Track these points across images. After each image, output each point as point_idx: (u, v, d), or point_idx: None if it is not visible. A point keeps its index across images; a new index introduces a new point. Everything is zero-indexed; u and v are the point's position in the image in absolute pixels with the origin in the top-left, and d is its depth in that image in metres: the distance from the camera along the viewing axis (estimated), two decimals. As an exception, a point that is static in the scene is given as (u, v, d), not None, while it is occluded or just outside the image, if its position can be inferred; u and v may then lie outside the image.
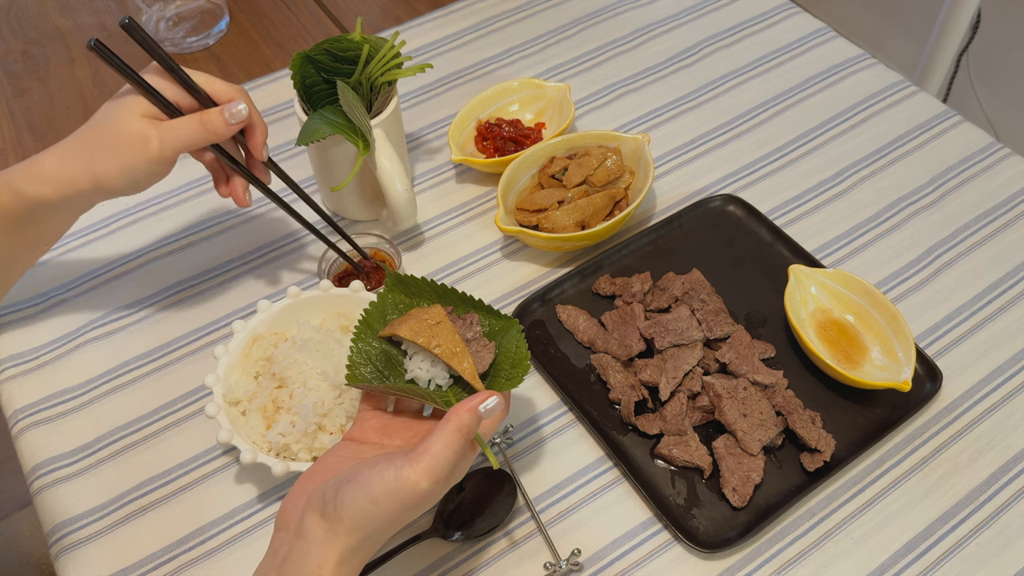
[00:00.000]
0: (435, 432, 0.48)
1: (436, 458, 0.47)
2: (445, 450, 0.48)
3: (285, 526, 0.49)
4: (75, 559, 0.60)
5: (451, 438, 0.48)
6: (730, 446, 0.63)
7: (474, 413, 0.50)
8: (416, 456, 0.47)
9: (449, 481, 0.50)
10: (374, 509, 0.47)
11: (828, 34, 0.97)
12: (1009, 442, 0.66)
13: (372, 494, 0.47)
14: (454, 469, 0.49)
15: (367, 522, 0.47)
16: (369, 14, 1.01)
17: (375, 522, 0.47)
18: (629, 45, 0.96)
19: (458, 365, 0.56)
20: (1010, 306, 0.74)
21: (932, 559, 0.60)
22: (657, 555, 0.60)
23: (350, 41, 0.71)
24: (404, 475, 0.47)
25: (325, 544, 0.47)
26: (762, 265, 0.75)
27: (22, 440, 0.66)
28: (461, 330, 0.58)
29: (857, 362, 0.68)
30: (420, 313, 0.58)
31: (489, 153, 0.83)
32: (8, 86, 0.93)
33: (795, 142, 0.86)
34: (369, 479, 0.47)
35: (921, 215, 0.80)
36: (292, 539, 0.48)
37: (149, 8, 0.96)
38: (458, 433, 0.48)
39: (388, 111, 0.72)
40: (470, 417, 0.49)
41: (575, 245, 0.75)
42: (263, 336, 0.66)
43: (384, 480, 0.47)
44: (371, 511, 0.47)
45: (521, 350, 0.57)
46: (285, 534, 0.49)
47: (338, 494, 0.47)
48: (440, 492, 0.49)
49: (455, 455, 0.48)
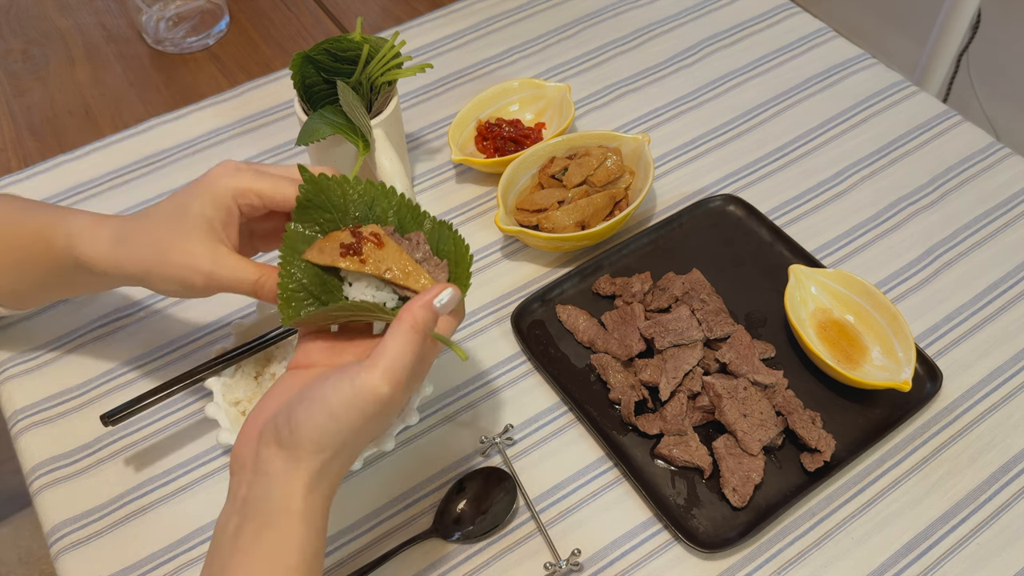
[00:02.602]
0: (388, 334, 0.45)
1: (394, 359, 0.44)
2: (403, 350, 0.45)
3: (241, 467, 0.47)
4: (75, 559, 0.60)
5: (407, 337, 0.45)
6: (730, 446, 0.63)
7: (428, 308, 0.47)
8: (371, 360, 0.44)
9: (410, 384, 0.46)
10: (334, 424, 0.44)
11: (828, 34, 0.97)
12: (1009, 442, 0.66)
13: (329, 409, 0.44)
14: (414, 370, 0.46)
15: (329, 440, 0.44)
16: (369, 14, 1.01)
17: (337, 438, 0.45)
18: (629, 45, 0.96)
19: (415, 284, 0.51)
20: (1010, 306, 0.74)
21: (932, 559, 0.60)
22: (657, 555, 0.60)
23: (350, 41, 0.71)
24: (360, 382, 0.44)
25: (288, 474, 0.45)
26: (762, 265, 0.75)
27: (22, 440, 0.66)
28: (408, 251, 0.53)
29: (857, 362, 0.68)
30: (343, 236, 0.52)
31: (489, 153, 0.83)
32: (8, 86, 0.93)
33: (795, 142, 0.86)
34: (324, 394, 0.44)
35: (921, 215, 0.80)
36: (251, 477, 0.46)
37: (149, 8, 0.96)
38: (413, 331, 0.45)
39: (388, 111, 0.72)
40: (424, 312, 0.46)
41: (575, 245, 0.75)
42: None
43: (340, 391, 0.44)
44: (331, 427, 0.44)
45: (460, 249, 0.53)
46: (242, 475, 0.46)
47: (291, 417, 0.44)
48: (403, 397, 0.46)
49: (413, 355, 0.45)
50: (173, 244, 0.53)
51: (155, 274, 0.54)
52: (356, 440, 0.46)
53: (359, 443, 0.47)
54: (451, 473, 0.64)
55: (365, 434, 0.46)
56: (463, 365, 0.70)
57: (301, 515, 0.45)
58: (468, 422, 0.67)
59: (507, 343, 0.71)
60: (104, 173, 0.84)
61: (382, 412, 0.45)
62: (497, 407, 0.68)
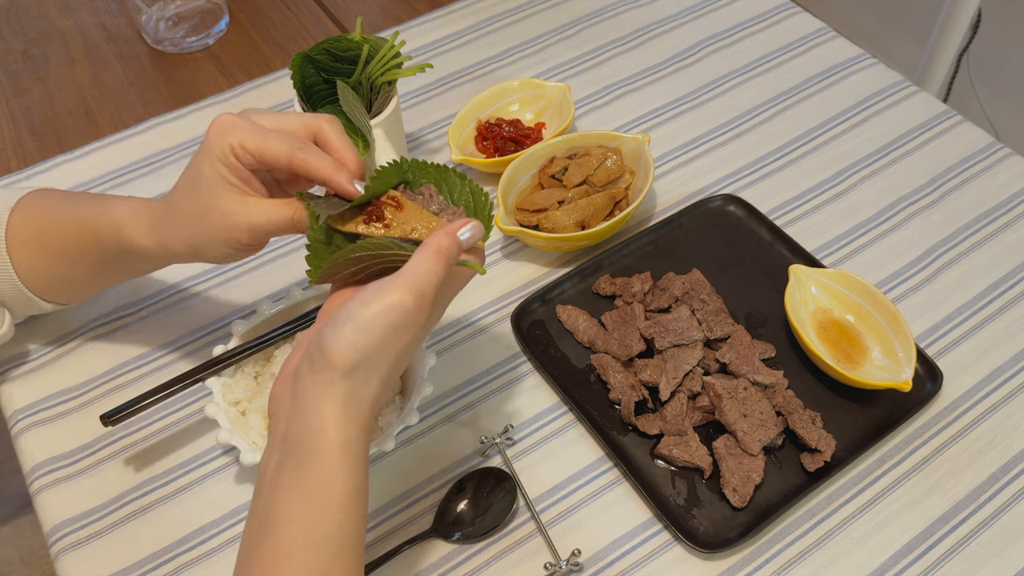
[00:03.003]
0: (413, 257, 0.47)
1: (417, 275, 0.46)
2: (427, 269, 0.46)
3: (278, 408, 0.48)
4: (75, 559, 0.60)
5: (429, 258, 0.47)
6: (730, 446, 0.63)
7: (452, 236, 0.48)
8: (394, 277, 0.46)
9: (436, 304, 0.48)
10: (363, 338, 0.45)
11: (828, 34, 0.97)
12: (1009, 442, 0.66)
13: (357, 323, 0.45)
14: (439, 293, 0.47)
15: (359, 356, 0.45)
16: (369, 14, 1.01)
17: (368, 353, 0.45)
18: (629, 45, 0.96)
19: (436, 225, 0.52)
20: (1010, 306, 0.74)
21: (932, 559, 0.60)
22: (657, 555, 0.60)
23: (350, 41, 0.71)
24: (385, 293, 0.45)
25: (321, 400, 0.45)
26: (762, 265, 0.75)
27: (22, 440, 0.66)
28: (424, 205, 0.54)
29: (857, 362, 0.68)
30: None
31: (489, 153, 0.83)
32: (8, 86, 0.93)
33: (795, 142, 0.86)
34: (350, 310, 0.46)
35: (921, 215, 0.80)
36: (288, 413, 0.47)
37: (149, 8, 0.96)
38: (437, 255, 0.47)
39: (388, 111, 0.72)
40: (448, 239, 0.48)
41: (575, 245, 0.75)
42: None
43: (366, 305, 0.45)
44: (360, 340, 0.45)
45: (474, 191, 0.54)
46: (279, 414, 0.47)
47: (322, 340, 0.45)
48: (428, 315, 0.47)
49: (437, 276, 0.47)
50: (206, 212, 0.54)
51: (202, 245, 0.55)
52: (385, 357, 0.46)
53: (387, 361, 0.47)
54: (451, 473, 0.64)
55: (393, 350, 0.46)
56: (463, 365, 0.70)
57: (339, 447, 0.46)
58: (468, 422, 0.67)
59: (507, 343, 0.71)
60: (104, 173, 0.84)
61: (408, 325, 0.46)
62: (497, 407, 0.68)
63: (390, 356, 0.47)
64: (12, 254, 0.62)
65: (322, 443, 0.45)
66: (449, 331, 0.72)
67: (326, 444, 0.45)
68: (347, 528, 0.46)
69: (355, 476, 0.46)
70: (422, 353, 0.63)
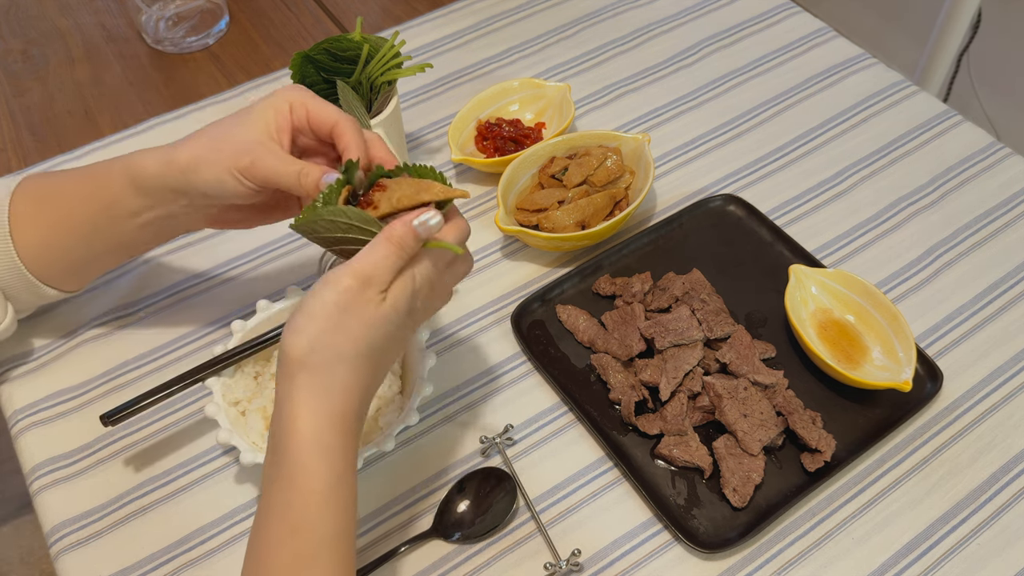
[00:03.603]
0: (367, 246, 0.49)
1: (364, 260, 0.48)
2: (375, 255, 0.48)
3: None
4: (75, 559, 0.60)
5: (379, 244, 0.48)
6: (730, 446, 0.63)
7: (406, 224, 0.49)
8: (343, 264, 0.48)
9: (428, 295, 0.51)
10: (312, 325, 0.47)
11: (828, 34, 0.97)
12: (1010, 442, 0.66)
13: (304, 311, 0.47)
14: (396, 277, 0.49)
15: (308, 342, 0.47)
16: (369, 14, 1.01)
17: (319, 338, 0.47)
18: (629, 45, 0.96)
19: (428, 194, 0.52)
20: (1011, 306, 0.74)
21: (933, 559, 0.60)
22: (657, 555, 0.60)
23: (350, 41, 0.71)
24: (330, 279, 0.47)
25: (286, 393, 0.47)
26: (762, 265, 0.75)
27: (22, 440, 0.66)
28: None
29: (858, 362, 0.68)
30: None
31: (489, 153, 0.83)
32: (8, 86, 0.93)
33: (795, 142, 0.86)
34: (301, 303, 0.48)
35: (921, 215, 0.80)
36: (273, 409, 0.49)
37: (149, 8, 0.96)
38: (388, 241, 0.48)
39: (388, 111, 0.72)
40: (401, 227, 0.49)
41: (575, 245, 0.75)
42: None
43: (313, 294, 0.48)
44: (309, 327, 0.47)
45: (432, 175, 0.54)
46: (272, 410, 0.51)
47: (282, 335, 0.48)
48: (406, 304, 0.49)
49: (386, 260, 0.48)
50: (228, 134, 0.56)
51: (204, 161, 0.56)
52: (344, 342, 0.47)
53: (350, 346, 0.48)
54: (451, 473, 0.64)
55: (350, 334, 0.48)
56: (463, 365, 0.70)
57: (309, 439, 0.47)
58: (468, 422, 0.67)
59: (507, 343, 0.71)
60: (104, 173, 0.84)
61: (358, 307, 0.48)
62: (497, 407, 0.68)
63: (351, 341, 0.48)
64: (15, 235, 0.62)
65: (292, 435, 0.47)
66: (449, 331, 0.72)
67: (295, 436, 0.47)
68: (330, 518, 0.47)
69: (331, 467, 0.47)
70: (422, 353, 0.63)
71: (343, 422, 0.48)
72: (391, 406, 0.63)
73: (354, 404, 0.49)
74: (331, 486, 0.47)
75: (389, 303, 0.49)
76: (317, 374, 0.47)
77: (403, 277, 0.50)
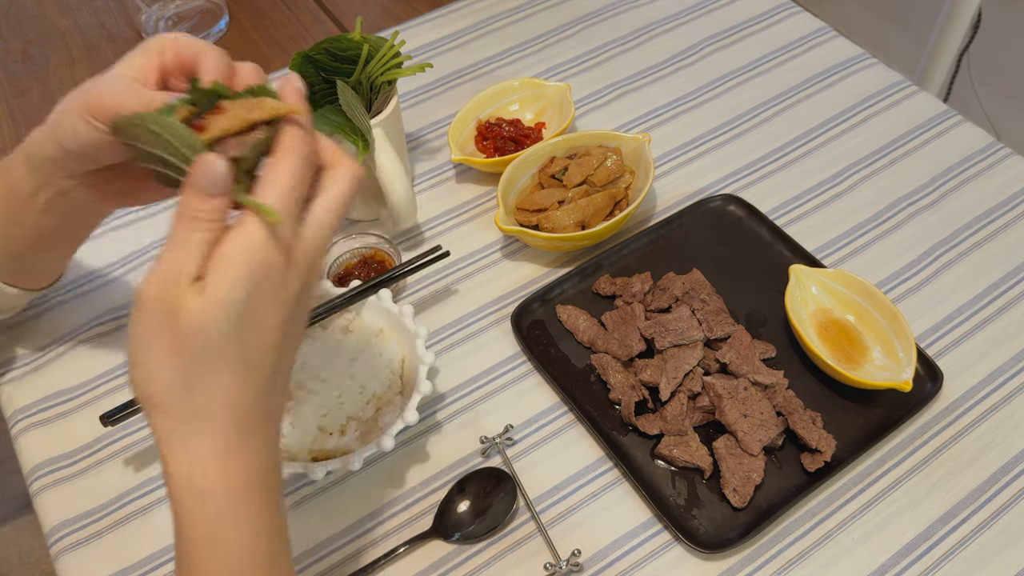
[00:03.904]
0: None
1: (159, 258, 0.41)
2: (168, 245, 0.41)
3: None
4: (75, 559, 0.60)
5: (172, 228, 0.41)
6: (730, 446, 0.63)
7: (190, 190, 0.41)
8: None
9: (223, 276, 0.40)
10: (143, 353, 0.40)
11: (828, 34, 0.97)
12: (1010, 442, 0.66)
13: (132, 339, 0.41)
14: (210, 258, 0.41)
15: (147, 374, 0.40)
16: (369, 14, 1.01)
17: (146, 367, 0.40)
18: (629, 45, 0.96)
19: (258, 112, 0.44)
20: (1011, 306, 0.74)
21: (933, 559, 0.60)
22: (657, 555, 0.60)
23: (350, 41, 0.71)
24: (137, 292, 0.41)
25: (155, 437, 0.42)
26: (762, 265, 0.75)
27: (22, 440, 0.66)
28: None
29: (858, 362, 0.68)
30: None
31: (489, 153, 0.83)
32: (8, 86, 0.93)
33: (795, 142, 0.86)
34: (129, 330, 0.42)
35: (921, 215, 0.80)
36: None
37: (149, 8, 0.96)
38: (178, 220, 0.41)
39: (388, 111, 0.72)
40: (189, 198, 0.41)
41: (575, 245, 0.75)
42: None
43: (131, 314, 0.41)
44: (144, 358, 0.40)
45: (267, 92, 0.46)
46: None
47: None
48: (186, 298, 0.40)
49: (182, 245, 0.40)
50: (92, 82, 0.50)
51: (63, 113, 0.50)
52: (173, 363, 0.40)
53: (176, 368, 0.40)
54: (451, 473, 0.64)
55: (161, 348, 0.40)
56: (463, 365, 0.70)
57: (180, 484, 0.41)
58: (468, 422, 0.67)
59: (507, 343, 0.71)
60: (104, 173, 0.84)
61: (158, 317, 0.40)
62: (497, 407, 0.68)
63: (183, 360, 0.40)
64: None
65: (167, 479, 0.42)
66: (449, 331, 0.72)
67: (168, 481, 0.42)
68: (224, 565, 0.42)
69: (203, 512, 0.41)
70: (422, 353, 0.63)
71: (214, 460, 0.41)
72: (391, 406, 0.63)
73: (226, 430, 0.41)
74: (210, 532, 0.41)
75: (210, 294, 0.40)
76: (166, 411, 0.41)
77: (221, 254, 0.41)
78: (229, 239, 0.41)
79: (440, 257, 0.72)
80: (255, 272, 0.41)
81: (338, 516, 0.62)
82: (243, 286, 0.40)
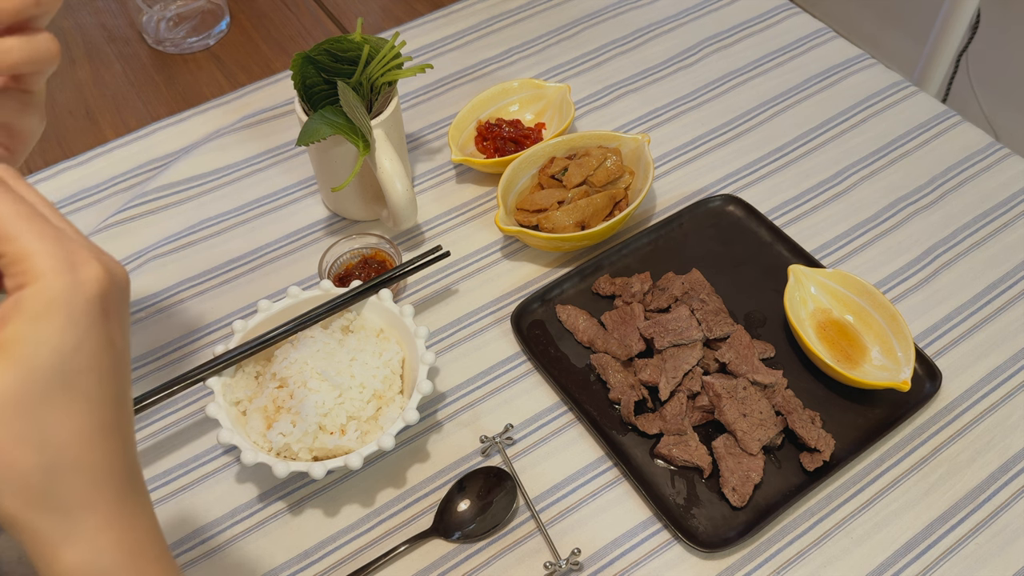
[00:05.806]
0: None
1: None
2: None
3: None
4: (76, 559, 0.60)
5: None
6: (730, 446, 0.63)
7: None
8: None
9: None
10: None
11: (828, 34, 0.97)
12: (1008, 442, 0.66)
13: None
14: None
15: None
16: (369, 14, 1.01)
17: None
18: (629, 45, 0.96)
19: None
20: (1010, 306, 0.74)
21: (932, 559, 0.60)
22: (657, 555, 0.60)
23: (350, 41, 0.71)
24: None
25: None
26: (762, 265, 0.76)
27: (23, 440, 0.66)
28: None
29: (857, 362, 0.68)
30: None
31: (489, 153, 0.83)
32: (9, 86, 0.93)
33: (795, 142, 0.87)
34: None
35: (921, 215, 0.80)
36: None
37: (149, 8, 0.97)
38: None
39: (388, 111, 0.72)
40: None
41: (575, 245, 0.75)
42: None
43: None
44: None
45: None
46: None
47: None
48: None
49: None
50: None
51: None
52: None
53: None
54: (451, 473, 0.64)
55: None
56: (463, 365, 0.70)
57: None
58: (468, 422, 0.67)
59: (507, 343, 0.72)
60: (107, 179, 0.84)
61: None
62: (497, 407, 0.68)
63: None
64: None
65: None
66: (449, 331, 0.73)
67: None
68: None
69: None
70: (422, 352, 0.63)
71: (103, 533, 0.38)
72: (391, 405, 0.63)
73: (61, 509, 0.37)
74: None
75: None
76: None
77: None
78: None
79: (440, 257, 0.72)
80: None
81: (338, 515, 0.62)
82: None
